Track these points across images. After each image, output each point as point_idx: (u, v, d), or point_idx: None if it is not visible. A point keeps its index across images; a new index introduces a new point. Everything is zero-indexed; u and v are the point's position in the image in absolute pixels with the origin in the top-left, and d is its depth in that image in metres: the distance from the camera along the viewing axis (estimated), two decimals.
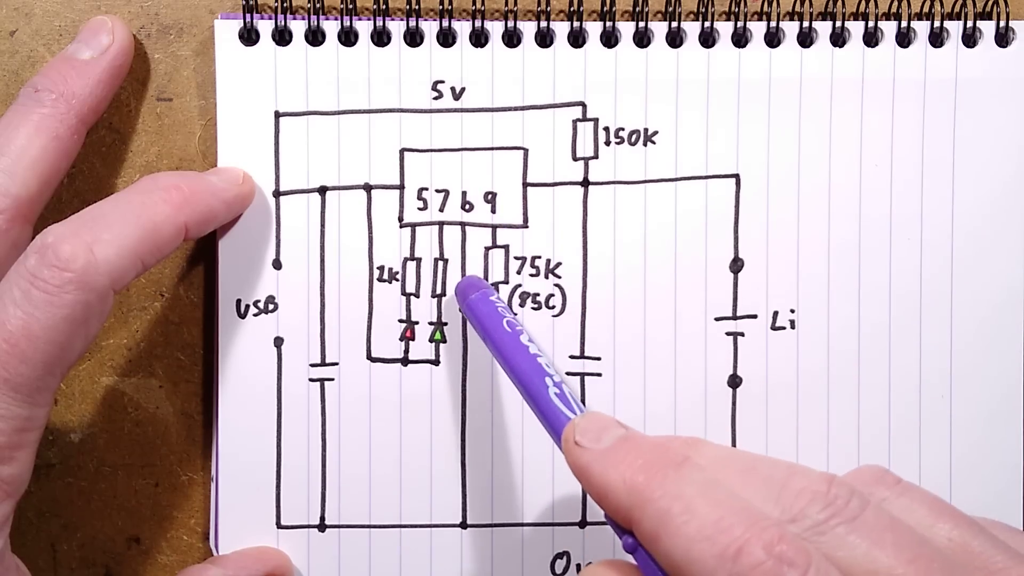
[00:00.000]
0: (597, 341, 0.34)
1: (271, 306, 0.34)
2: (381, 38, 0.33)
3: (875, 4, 0.33)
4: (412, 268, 0.34)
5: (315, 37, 0.33)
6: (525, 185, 0.34)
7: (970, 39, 0.34)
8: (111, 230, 0.28)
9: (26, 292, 0.26)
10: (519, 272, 0.34)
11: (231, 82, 0.33)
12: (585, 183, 0.34)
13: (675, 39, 0.33)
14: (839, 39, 0.33)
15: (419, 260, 0.34)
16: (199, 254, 0.34)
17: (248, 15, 0.33)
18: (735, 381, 0.34)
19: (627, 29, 0.33)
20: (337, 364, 0.34)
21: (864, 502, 0.22)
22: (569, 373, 0.34)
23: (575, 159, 0.34)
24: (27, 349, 0.26)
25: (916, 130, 0.34)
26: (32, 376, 0.27)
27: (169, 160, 0.34)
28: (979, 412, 0.34)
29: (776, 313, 0.34)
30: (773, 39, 0.33)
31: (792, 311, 0.34)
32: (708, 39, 0.33)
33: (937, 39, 0.34)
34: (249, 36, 0.33)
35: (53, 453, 0.34)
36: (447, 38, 0.33)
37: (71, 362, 0.28)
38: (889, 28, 0.34)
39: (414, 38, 0.33)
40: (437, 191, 0.34)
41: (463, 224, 0.34)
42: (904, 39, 0.34)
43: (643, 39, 0.33)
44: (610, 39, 0.33)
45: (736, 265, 0.34)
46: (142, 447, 0.34)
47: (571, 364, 0.34)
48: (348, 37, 0.33)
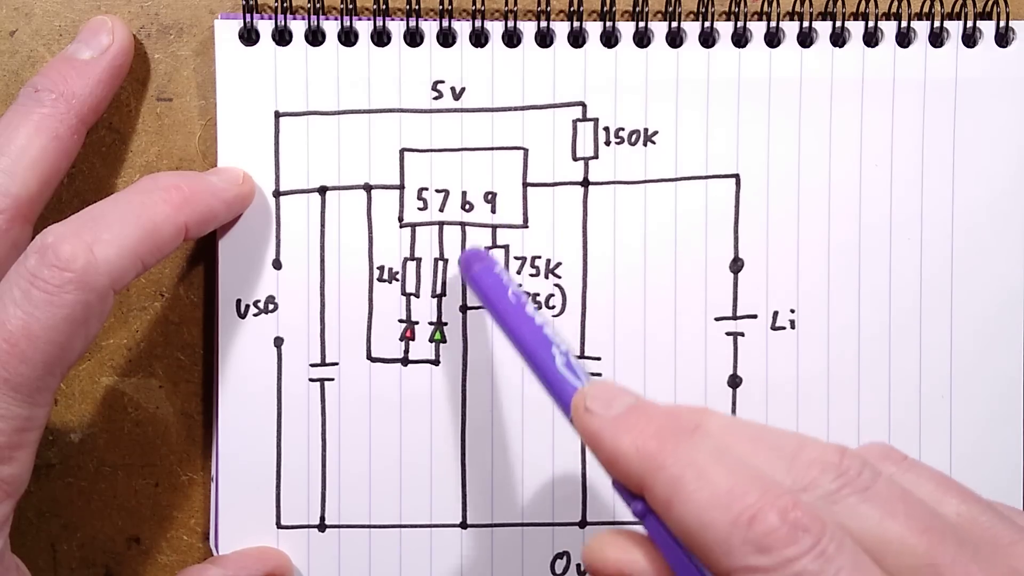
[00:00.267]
0: (597, 341, 0.34)
1: (271, 306, 0.34)
2: (381, 38, 0.33)
3: (875, 4, 0.33)
4: (412, 268, 0.34)
5: (315, 37, 0.33)
6: (525, 185, 0.34)
7: (970, 39, 0.34)
8: (111, 230, 0.28)
9: (26, 292, 0.26)
10: (519, 272, 0.34)
11: (231, 82, 0.33)
12: (585, 183, 0.34)
13: (675, 39, 0.33)
14: (839, 39, 0.33)
15: (419, 260, 0.34)
16: (199, 254, 0.34)
17: (248, 15, 0.33)
18: (735, 381, 0.34)
19: (627, 29, 0.33)
20: (337, 364, 0.34)
21: (876, 473, 0.22)
22: None
23: (575, 159, 0.34)
24: (27, 349, 0.26)
25: (916, 130, 0.34)
26: (32, 376, 0.27)
27: (169, 160, 0.34)
28: (979, 412, 0.34)
29: (776, 313, 0.34)
30: (773, 39, 0.33)
31: (792, 311, 0.34)
32: (708, 39, 0.33)
33: (937, 39, 0.34)
34: (249, 36, 0.33)
35: (53, 453, 0.34)
36: (447, 38, 0.33)
37: (71, 362, 0.28)
38: (889, 28, 0.33)
39: (414, 38, 0.33)
40: (437, 191, 0.34)
41: (463, 224, 0.34)
42: (904, 39, 0.34)
43: (643, 39, 0.33)
44: (610, 39, 0.33)
45: (736, 265, 0.34)
46: (142, 447, 0.34)
47: None
48: (348, 37, 0.33)
